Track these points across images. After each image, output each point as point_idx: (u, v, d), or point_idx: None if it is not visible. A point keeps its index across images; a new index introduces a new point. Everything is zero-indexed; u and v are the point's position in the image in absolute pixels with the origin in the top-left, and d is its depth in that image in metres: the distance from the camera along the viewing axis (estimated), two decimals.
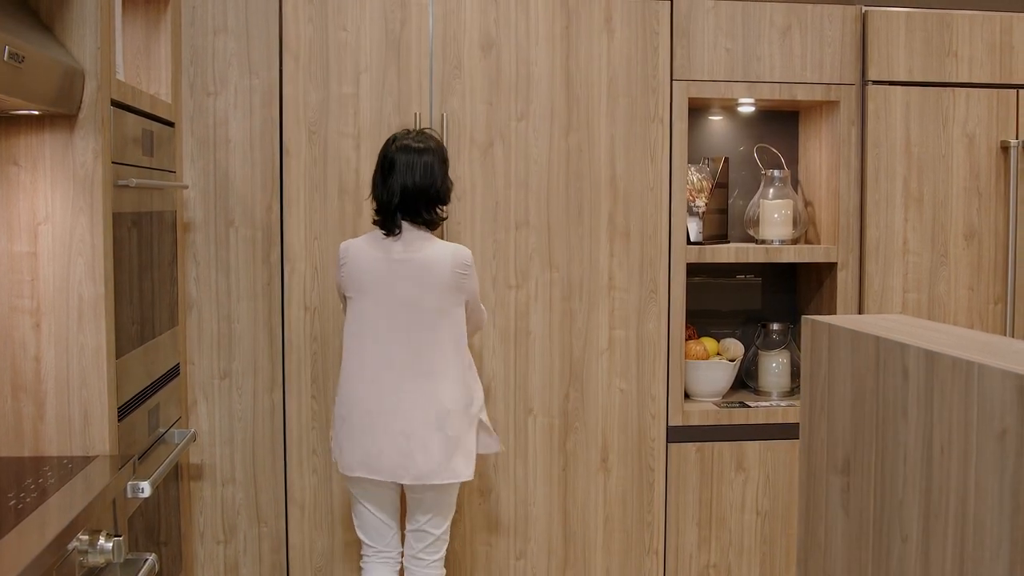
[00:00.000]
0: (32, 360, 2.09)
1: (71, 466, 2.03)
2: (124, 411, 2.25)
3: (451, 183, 2.69)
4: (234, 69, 2.95)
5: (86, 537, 1.80)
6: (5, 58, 1.62)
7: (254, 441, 3.02)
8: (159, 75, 2.76)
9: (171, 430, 2.71)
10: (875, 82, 3.21)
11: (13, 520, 1.69)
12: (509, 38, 3.04)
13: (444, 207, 2.68)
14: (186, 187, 2.81)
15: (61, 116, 2.06)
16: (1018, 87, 3.27)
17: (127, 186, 2.20)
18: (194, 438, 2.81)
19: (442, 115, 3.01)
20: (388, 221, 2.63)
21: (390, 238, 2.62)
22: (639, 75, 3.12)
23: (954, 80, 3.23)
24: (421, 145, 2.62)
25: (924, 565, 1.32)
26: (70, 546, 1.69)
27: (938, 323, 1.60)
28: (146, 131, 2.47)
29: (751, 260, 3.26)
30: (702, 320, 3.56)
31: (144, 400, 2.43)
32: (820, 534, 1.68)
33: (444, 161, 2.67)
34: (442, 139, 2.73)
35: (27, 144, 2.06)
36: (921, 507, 1.33)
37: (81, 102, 2.06)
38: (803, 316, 1.74)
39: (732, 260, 3.24)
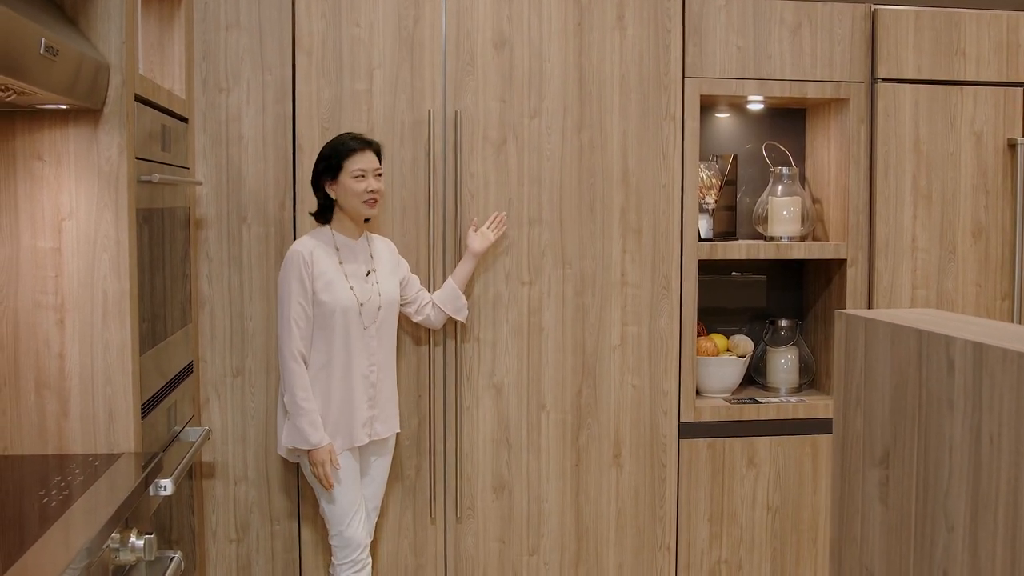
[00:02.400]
0: (56, 357, 2.08)
1: (97, 464, 2.01)
2: (146, 409, 2.24)
3: (317, 187, 2.80)
4: (247, 65, 2.94)
5: (117, 535, 1.79)
6: (41, 51, 1.61)
7: (267, 439, 3.00)
8: (172, 71, 2.74)
9: (185, 428, 2.70)
10: (884, 80, 3.23)
11: (48, 519, 1.67)
12: (522, 35, 3.04)
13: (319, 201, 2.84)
14: (200, 183, 2.80)
15: (85, 111, 2.04)
16: None
17: (150, 182, 2.19)
18: (208, 436, 2.80)
19: (455, 112, 3.01)
20: None
21: None
22: (651, 72, 3.12)
23: (962, 78, 3.26)
24: None
25: (973, 553, 1.33)
26: (104, 544, 1.68)
27: (973, 316, 1.61)
28: (163, 127, 2.46)
29: (762, 257, 3.27)
30: (708, 317, 3.57)
31: (163, 398, 2.42)
32: (856, 527, 1.68)
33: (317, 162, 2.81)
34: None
35: (51, 139, 2.04)
36: (969, 497, 1.34)
37: (106, 96, 2.04)
38: (837, 311, 1.74)
39: (743, 257, 3.26)
